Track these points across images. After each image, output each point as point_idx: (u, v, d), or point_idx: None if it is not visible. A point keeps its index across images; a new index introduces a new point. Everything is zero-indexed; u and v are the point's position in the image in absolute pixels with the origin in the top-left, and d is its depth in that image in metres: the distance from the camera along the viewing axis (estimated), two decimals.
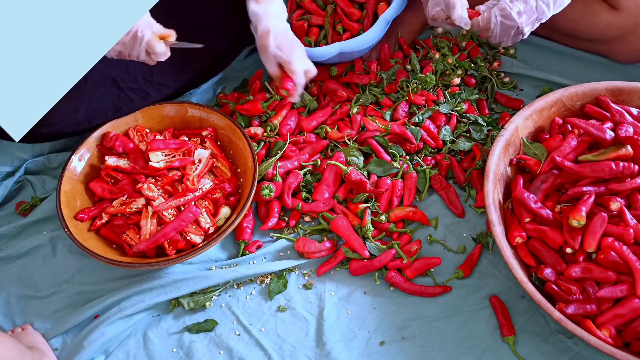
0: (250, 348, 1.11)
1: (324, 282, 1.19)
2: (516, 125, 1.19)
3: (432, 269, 1.18)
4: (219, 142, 1.32)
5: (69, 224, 1.15)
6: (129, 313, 1.13)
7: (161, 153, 1.23)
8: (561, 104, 1.24)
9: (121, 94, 1.27)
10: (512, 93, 1.47)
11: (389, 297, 1.16)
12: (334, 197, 1.26)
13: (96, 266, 1.21)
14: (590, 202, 1.07)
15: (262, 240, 1.25)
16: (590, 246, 1.03)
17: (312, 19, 1.53)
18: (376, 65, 1.46)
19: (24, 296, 1.19)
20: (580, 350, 1.07)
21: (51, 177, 1.35)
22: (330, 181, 1.27)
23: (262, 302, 1.17)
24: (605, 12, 1.37)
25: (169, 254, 1.14)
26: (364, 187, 1.23)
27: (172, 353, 1.11)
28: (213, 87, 1.53)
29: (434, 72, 1.43)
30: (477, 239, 1.22)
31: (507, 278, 1.16)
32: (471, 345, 1.09)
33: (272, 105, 1.41)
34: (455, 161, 1.31)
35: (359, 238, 1.19)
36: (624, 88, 1.23)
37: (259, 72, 1.48)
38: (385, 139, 1.31)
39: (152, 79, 1.29)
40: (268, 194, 1.24)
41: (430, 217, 1.25)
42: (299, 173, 1.29)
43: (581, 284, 1.04)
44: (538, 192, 1.13)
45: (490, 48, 1.54)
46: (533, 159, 1.18)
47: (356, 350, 1.10)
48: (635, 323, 0.99)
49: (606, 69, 1.47)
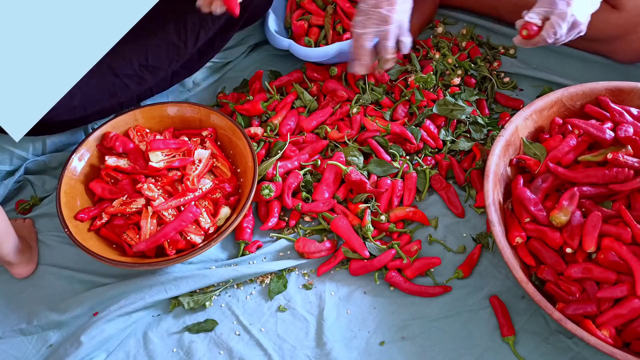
0: (250, 348, 1.11)
1: (324, 282, 1.19)
2: (516, 125, 1.19)
3: (432, 269, 1.18)
4: (219, 142, 1.32)
5: (69, 224, 1.15)
6: (129, 311, 1.13)
7: (161, 153, 1.23)
8: (561, 104, 1.24)
9: (116, 80, 1.27)
10: (512, 93, 1.47)
11: (389, 297, 1.16)
12: (333, 197, 1.26)
13: (95, 261, 1.20)
14: (574, 199, 1.08)
15: (262, 240, 1.25)
16: (590, 246, 1.03)
17: (312, 19, 1.53)
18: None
19: (22, 287, 1.19)
20: (580, 351, 1.07)
21: (51, 177, 1.35)
22: (330, 181, 1.27)
23: (262, 302, 1.17)
24: (606, 12, 1.36)
25: (169, 253, 1.14)
26: (364, 187, 1.23)
27: (172, 353, 1.11)
28: (213, 87, 1.54)
29: (434, 72, 1.43)
30: (477, 239, 1.22)
31: (507, 278, 1.16)
32: (471, 345, 1.09)
33: (272, 105, 1.41)
34: (455, 161, 1.31)
35: (359, 238, 1.19)
36: (624, 88, 1.23)
37: (259, 72, 1.48)
38: (385, 139, 1.31)
39: (148, 63, 1.29)
40: (268, 194, 1.24)
41: (430, 217, 1.26)
42: (298, 173, 1.29)
43: (581, 284, 1.04)
44: (538, 192, 1.13)
45: (490, 48, 1.54)
46: (533, 159, 1.18)
47: (356, 350, 1.10)
48: (635, 323, 0.99)
49: (606, 69, 1.47)
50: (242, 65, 1.57)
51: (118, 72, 1.27)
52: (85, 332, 1.09)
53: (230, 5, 1.10)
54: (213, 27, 1.32)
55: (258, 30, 1.57)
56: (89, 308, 1.15)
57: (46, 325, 1.14)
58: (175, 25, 1.27)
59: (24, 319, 1.15)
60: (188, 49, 1.32)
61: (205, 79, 1.53)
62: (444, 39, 1.54)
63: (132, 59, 1.27)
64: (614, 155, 1.09)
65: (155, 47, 1.21)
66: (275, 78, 1.52)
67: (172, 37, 1.27)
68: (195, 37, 1.31)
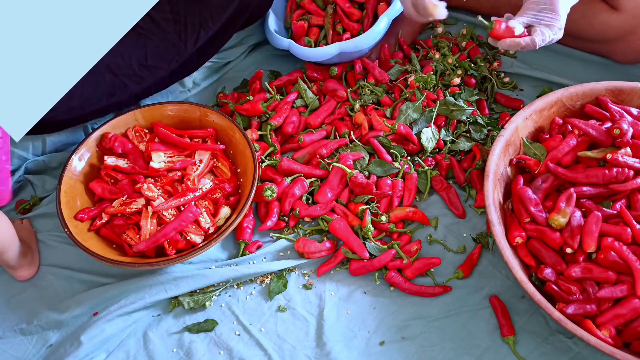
0: (250, 348, 1.11)
1: (324, 282, 1.19)
2: (516, 125, 1.19)
3: (432, 269, 1.18)
4: (219, 142, 1.32)
5: (69, 224, 1.15)
6: (129, 310, 1.13)
7: (163, 154, 1.23)
8: (561, 104, 1.24)
9: (115, 79, 1.27)
10: (512, 93, 1.47)
11: (389, 297, 1.16)
12: (337, 200, 1.27)
13: (95, 261, 1.21)
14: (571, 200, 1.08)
15: (262, 240, 1.25)
16: (590, 247, 1.03)
17: (312, 19, 1.53)
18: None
19: (22, 287, 1.19)
20: (580, 351, 1.07)
21: (51, 177, 1.35)
22: (335, 184, 1.27)
23: (262, 302, 1.17)
24: (605, 13, 1.37)
25: (169, 253, 1.14)
26: (369, 190, 1.23)
27: (172, 353, 1.11)
28: (213, 87, 1.54)
29: (434, 72, 1.43)
30: (477, 239, 1.22)
31: (507, 278, 1.16)
32: (471, 345, 1.09)
33: (272, 105, 1.41)
34: (455, 161, 1.31)
35: (358, 239, 1.19)
36: (624, 88, 1.23)
37: (259, 72, 1.48)
38: (389, 139, 1.31)
39: (147, 63, 1.29)
40: (270, 195, 1.24)
41: (430, 217, 1.25)
42: (304, 181, 1.28)
43: (581, 284, 1.04)
44: (538, 192, 1.13)
45: (490, 48, 1.54)
46: (533, 159, 1.18)
47: (356, 350, 1.10)
48: (635, 323, 0.99)
49: (606, 69, 1.47)
50: (242, 65, 1.57)
51: (117, 72, 1.27)
52: (85, 332, 1.09)
53: None
54: (213, 26, 1.32)
55: (258, 30, 1.57)
56: (89, 308, 1.15)
57: (46, 325, 1.14)
58: (175, 25, 1.27)
59: (24, 319, 1.15)
60: (188, 48, 1.32)
61: (205, 79, 1.53)
62: (444, 39, 1.54)
63: (131, 58, 1.27)
64: (613, 155, 1.09)
65: (154, 46, 1.21)
66: (275, 78, 1.52)
67: (172, 37, 1.27)
68: (196, 37, 1.31)
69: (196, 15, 1.30)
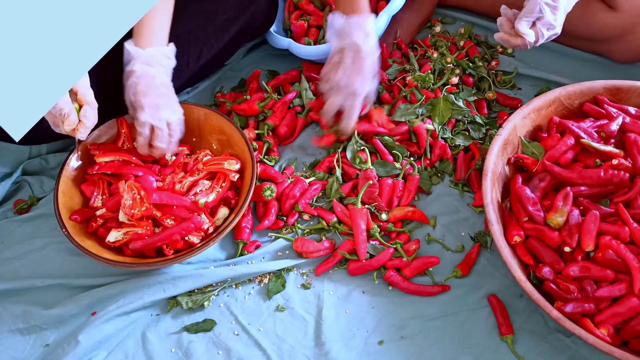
0: (249, 348, 1.11)
1: (323, 281, 1.19)
2: (514, 124, 1.20)
3: (430, 268, 1.18)
4: (219, 141, 1.32)
5: (66, 224, 1.15)
6: (127, 310, 1.12)
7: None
8: (559, 102, 1.24)
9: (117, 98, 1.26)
10: (510, 92, 1.47)
11: (388, 297, 1.16)
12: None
13: (93, 261, 1.20)
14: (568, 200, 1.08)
15: (261, 240, 1.25)
16: (588, 245, 1.03)
17: (310, 19, 1.53)
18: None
19: (21, 288, 1.19)
20: (579, 349, 1.07)
21: (49, 178, 1.35)
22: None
23: (260, 301, 1.17)
24: (603, 12, 1.37)
25: (167, 254, 1.14)
26: (371, 192, 1.23)
27: (170, 353, 1.11)
28: (211, 86, 1.53)
29: (432, 71, 1.43)
30: (475, 238, 1.22)
31: (505, 277, 1.16)
32: (470, 345, 1.09)
33: (269, 104, 1.41)
34: (461, 155, 1.31)
35: (365, 240, 1.18)
36: (622, 87, 1.23)
37: (257, 72, 1.48)
38: (393, 139, 1.31)
39: None
40: (270, 195, 1.24)
41: (429, 216, 1.26)
42: (304, 182, 1.28)
43: (579, 282, 1.04)
44: (536, 191, 1.13)
45: (488, 47, 1.54)
46: (531, 158, 1.18)
47: (355, 349, 1.09)
48: (634, 321, 0.99)
49: (604, 68, 1.47)
50: (241, 64, 1.57)
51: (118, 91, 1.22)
52: (84, 331, 1.09)
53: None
54: (217, 44, 1.32)
55: None
56: (87, 308, 1.14)
57: (44, 325, 1.14)
58: (177, 41, 1.24)
59: (21, 319, 1.15)
60: (190, 67, 1.31)
61: (203, 79, 1.53)
62: (442, 38, 1.54)
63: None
64: (619, 160, 1.09)
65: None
66: (272, 78, 1.52)
67: (175, 54, 1.23)
68: (197, 55, 1.30)
69: (200, 34, 1.29)
